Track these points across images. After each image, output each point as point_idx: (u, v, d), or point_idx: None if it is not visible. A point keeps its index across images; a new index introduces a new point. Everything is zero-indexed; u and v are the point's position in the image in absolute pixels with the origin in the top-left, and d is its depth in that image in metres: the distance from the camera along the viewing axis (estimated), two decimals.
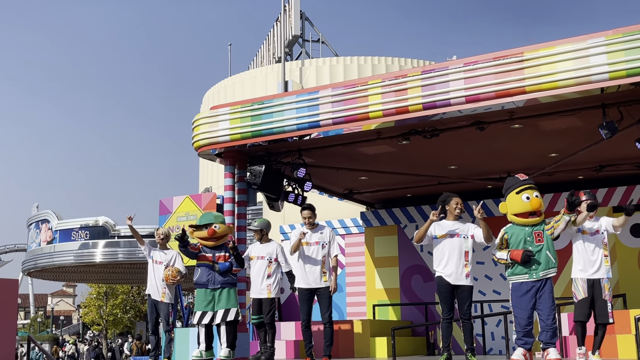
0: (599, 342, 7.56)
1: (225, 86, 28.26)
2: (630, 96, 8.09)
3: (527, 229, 7.23)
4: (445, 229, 7.67)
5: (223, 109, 10.06)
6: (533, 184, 7.37)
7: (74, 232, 22.26)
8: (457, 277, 7.52)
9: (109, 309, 40.55)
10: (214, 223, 8.73)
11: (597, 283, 7.54)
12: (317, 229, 8.39)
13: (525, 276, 7.11)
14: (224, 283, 8.67)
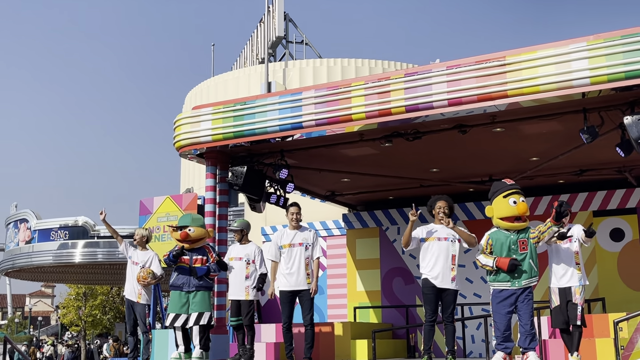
0: (575, 343, 7.66)
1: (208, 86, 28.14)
2: (611, 101, 8.15)
3: (512, 237, 7.26)
4: (433, 232, 7.70)
5: (205, 109, 10.01)
6: (520, 189, 7.43)
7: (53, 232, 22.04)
8: (444, 280, 7.54)
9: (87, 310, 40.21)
10: (189, 226, 8.74)
11: (568, 289, 7.67)
12: (301, 230, 8.36)
13: (507, 284, 7.16)
14: (199, 286, 8.67)
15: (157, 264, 9.49)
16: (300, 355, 8.17)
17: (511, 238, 7.24)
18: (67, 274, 25.51)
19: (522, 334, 7.17)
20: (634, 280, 11.74)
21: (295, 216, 8.32)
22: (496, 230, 7.37)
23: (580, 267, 7.73)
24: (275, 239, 8.41)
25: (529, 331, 7.13)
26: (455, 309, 7.65)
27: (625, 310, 9.03)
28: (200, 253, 8.83)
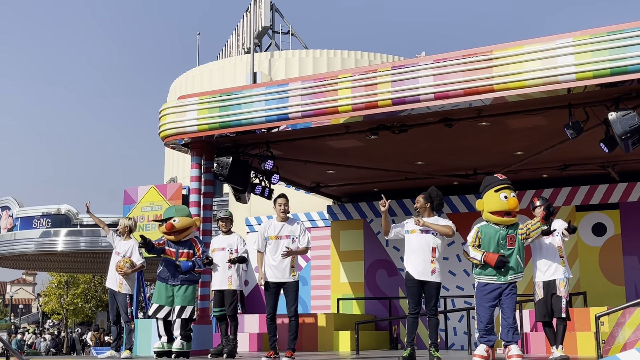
0: (560, 336, 7.74)
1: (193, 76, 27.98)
2: (596, 97, 8.20)
3: (501, 231, 7.29)
4: (415, 225, 7.69)
5: (191, 98, 9.96)
6: (511, 183, 7.45)
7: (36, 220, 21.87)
8: (423, 272, 7.54)
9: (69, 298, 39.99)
10: (173, 217, 8.69)
11: (552, 282, 7.72)
12: (289, 222, 8.32)
13: (493, 278, 7.19)
14: (184, 280, 8.66)
15: (137, 254, 9.44)
16: (283, 346, 8.17)
17: (500, 233, 7.28)
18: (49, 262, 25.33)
19: (504, 327, 7.21)
20: (615, 274, 11.86)
21: (283, 207, 8.27)
22: (486, 224, 7.40)
23: (564, 260, 7.81)
24: (262, 229, 8.37)
25: (511, 324, 7.18)
26: (438, 302, 7.67)
27: (606, 304, 9.13)
28: (187, 246, 8.77)
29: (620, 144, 7.94)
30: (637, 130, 7.74)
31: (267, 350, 8.27)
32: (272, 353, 8.02)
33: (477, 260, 7.19)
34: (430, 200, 7.73)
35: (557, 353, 7.65)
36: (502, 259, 7.07)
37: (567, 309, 7.69)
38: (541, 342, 9.60)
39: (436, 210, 7.80)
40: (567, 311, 7.70)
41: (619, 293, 11.53)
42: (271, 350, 8.07)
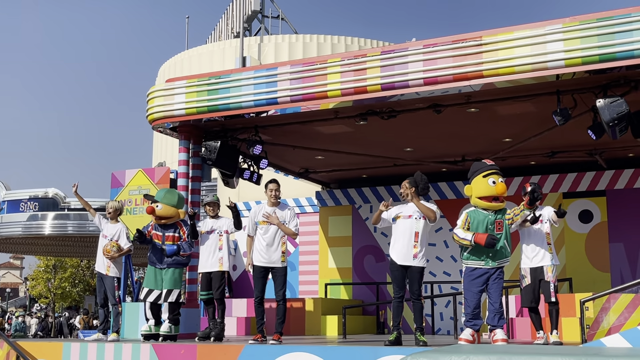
0: (554, 322, 7.81)
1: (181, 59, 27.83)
2: (584, 84, 8.23)
3: (490, 216, 7.33)
4: (400, 211, 7.74)
5: (179, 82, 9.91)
6: (499, 169, 7.48)
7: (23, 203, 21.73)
8: (405, 257, 7.57)
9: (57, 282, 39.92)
10: (158, 202, 8.73)
11: (539, 269, 7.79)
12: (280, 207, 8.32)
13: (481, 262, 7.24)
14: (170, 263, 8.72)
15: (125, 237, 9.41)
16: (271, 329, 8.20)
17: (489, 218, 7.33)
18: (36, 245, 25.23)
19: (491, 312, 7.28)
20: (600, 261, 11.95)
21: (274, 193, 8.27)
22: (474, 210, 7.44)
23: (551, 247, 7.87)
24: (252, 214, 8.37)
25: (498, 309, 7.24)
26: (422, 286, 7.68)
27: (592, 290, 9.20)
28: (172, 229, 8.83)
29: (608, 131, 7.98)
30: (624, 117, 7.78)
31: (254, 334, 8.29)
32: (260, 336, 8.04)
33: (468, 241, 7.20)
34: (415, 185, 7.73)
35: (552, 338, 7.72)
36: (492, 237, 7.10)
37: (555, 293, 7.76)
38: (526, 328, 9.68)
39: (421, 195, 7.80)
40: (556, 295, 7.77)
41: (605, 279, 11.63)
42: (258, 333, 8.09)
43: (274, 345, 7.56)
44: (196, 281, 9.93)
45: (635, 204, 11.92)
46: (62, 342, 8.59)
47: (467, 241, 7.22)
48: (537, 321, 7.94)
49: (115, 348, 8.10)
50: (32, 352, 8.53)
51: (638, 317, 7.27)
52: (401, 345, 7.40)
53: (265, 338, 8.08)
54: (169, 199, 8.89)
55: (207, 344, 8.05)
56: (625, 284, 7.47)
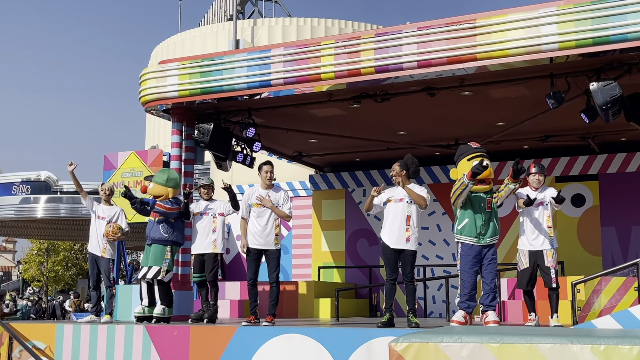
0: (553, 305, 7.81)
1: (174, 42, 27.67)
2: (578, 67, 8.23)
3: (481, 195, 7.40)
4: (391, 194, 7.74)
5: (172, 64, 9.86)
6: (484, 152, 7.51)
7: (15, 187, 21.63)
8: (398, 241, 7.59)
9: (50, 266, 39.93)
10: (151, 181, 8.78)
11: (539, 253, 7.77)
12: (274, 189, 8.32)
13: (474, 239, 7.31)
14: (154, 240, 8.76)
15: (124, 219, 9.41)
16: (264, 312, 8.22)
17: (482, 197, 7.41)
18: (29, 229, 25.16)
19: (485, 292, 7.35)
20: (592, 245, 12.01)
21: (268, 175, 8.25)
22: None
23: (552, 230, 7.84)
24: (246, 197, 8.37)
25: (492, 289, 7.33)
26: (414, 269, 7.71)
27: (584, 273, 9.25)
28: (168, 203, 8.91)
29: (601, 114, 7.99)
30: (617, 100, 7.80)
31: (247, 316, 8.31)
32: (253, 318, 8.07)
33: (464, 182, 7.19)
34: (406, 168, 7.73)
35: (552, 322, 7.74)
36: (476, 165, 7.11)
37: (556, 279, 7.75)
38: (518, 310, 9.74)
39: (413, 178, 7.80)
40: (557, 280, 7.76)
41: (596, 263, 11.69)
42: (251, 315, 8.12)
43: (267, 327, 7.59)
44: (189, 263, 9.94)
45: (627, 188, 11.97)
46: (55, 324, 8.60)
47: (461, 181, 7.22)
48: (530, 304, 7.97)
49: (108, 330, 8.12)
50: (25, 333, 8.54)
51: (629, 299, 7.34)
52: (394, 327, 7.44)
53: (259, 320, 8.11)
54: (158, 178, 8.92)
55: (200, 326, 8.07)
56: (617, 267, 7.52)
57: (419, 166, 7.82)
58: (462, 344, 4.83)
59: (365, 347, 6.77)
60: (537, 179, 8.01)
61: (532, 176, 8.01)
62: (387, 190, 7.82)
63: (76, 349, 8.23)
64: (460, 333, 5.01)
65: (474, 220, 7.37)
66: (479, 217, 7.39)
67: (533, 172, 8.02)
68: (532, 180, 8.01)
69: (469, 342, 4.82)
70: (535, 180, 8.01)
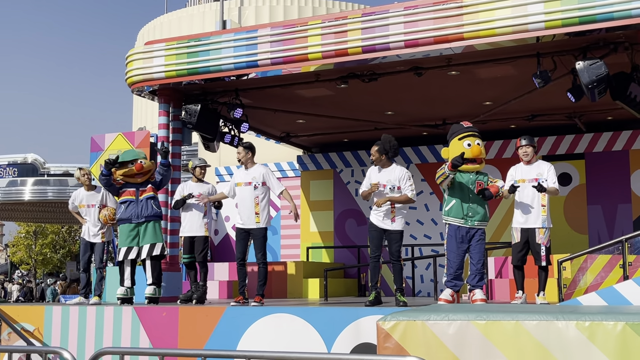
0: (541, 284, 7.78)
1: (161, 23, 27.45)
2: (564, 46, 8.25)
3: (471, 176, 7.42)
4: (378, 177, 7.75)
5: (158, 44, 9.80)
6: (476, 131, 7.52)
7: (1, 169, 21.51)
8: (384, 221, 7.64)
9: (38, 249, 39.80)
10: (138, 159, 8.69)
11: (531, 230, 7.75)
12: (252, 169, 8.33)
13: (461, 221, 7.34)
14: (149, 216, 8.65)
15: (112, 199, 9.35)
16: (253, 293, 8.26)
17: (470, 177, 7.43)
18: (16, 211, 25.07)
19: (472, 272, 7.41)
20: (578, 223, 12.11)
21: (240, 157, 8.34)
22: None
23: (545, 209, 7.75)
24: (233, 177, 8.49)
25: (479, 270, 7.38)
26: (400, 248, 7.73)
27: (570, 251, 9.31)
28: (147, 184, 8.83)
29: (587, 93, 8.02)
30: (603, 79, 7.83)
31: (236, 296, 8.35)
32: (241, 298, 8.10)
33: (445, 172, 7.26)
34: (385, 152, 7.71)
35: (539, 300, 7.74)
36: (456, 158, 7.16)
37: (547, 257, 7.69)
38: (505, 288, 9.83)
39: (392, 158, 7.79)
40: (548, 258, 7.70)
41: (583, 241, 11.79)
42: (240, 295, 8.15)
43: (256, 307, 7.62)
44: (177, 245, 9.94)
45: (613, 166, 12.05)
46: (44, 306, 8.59)
47: (442, 171, 7.29)
48: (519, 280, 7.89)
49: (97, 311, 8.13)
50: (14, 316, 8.53)
51: (614, 276, 7.41)
52: (381, 304, 7.50)
53: (247, 300, 8.14)
54: (142, 154, 8.92)
55: (189, 307, 8.09)
56: (602, 244, 7.59)
57: (397, 147, 7.75)
58: (449, 321, 4.88)
59: (353, 325, 6.83)
60: (524, 152, 7.86)
61: (520, 149, 7.89)
62: (372, 172, 7.83)
63: (65, 331, 8.24)
64: (447, 311, 5.06)
65: (460, 202, 7.40)
66: (466, 198, 7.42)
67: (521, 145, 7.89)
68: (521, 154, 7.88)
69: (456, 319, 4.87)
70: (523, 152, 7.86)
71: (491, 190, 7.41)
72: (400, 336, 4.97)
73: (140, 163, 8.66)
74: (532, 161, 7.90)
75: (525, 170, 7.87)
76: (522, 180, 7.82)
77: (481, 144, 7.48)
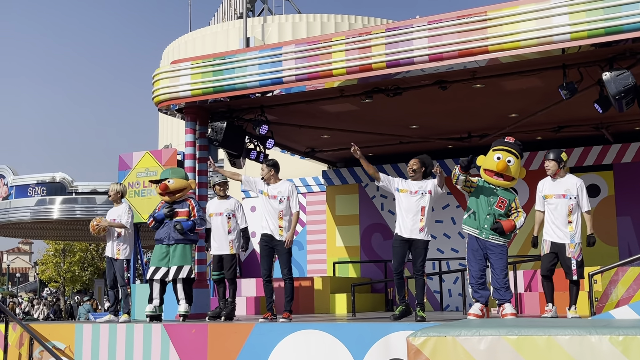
0: (573, 298, 7.68)
1: (185, 42, 27.73)
2: (590, 57, 8.19)
3: (496, 190, 7.44)
4: (406, 185, 7.80)
5: (184, 63, 9.91)
6: (512, 148, 7.48)
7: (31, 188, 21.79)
8: (412, 231, 7.66)
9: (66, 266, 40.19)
10: (168, 178, 8.80)
11: (561, 245, 7.66)
12: (278, 184, 8.35)
13: (476, 230, 7.35)
14: (179, 240, 8.73)
15: (127, 216, 9.39)
16: (280, 308, 8.26)
17: (494, 191, 7.41)
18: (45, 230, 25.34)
19: (495, 287, 7.37)
20: (608, 235, 11.95)
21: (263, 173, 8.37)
22: (484, 181, 7.54)
23: (572, 225, 7.62)
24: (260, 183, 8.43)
25: (502, 284, 7.34)
26: (425, 262, 7.72)
27: (600, 264, 9.21)
28: (183, 206, 8.88)
29: (614, 104, 7.96)
30: (630, 90, 7.76)
31: (264, 313, 8.35)
32: (269, 315, 8.10)
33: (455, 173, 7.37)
34: (424, 166, 7.84)
35: (570, 314, 7.65)
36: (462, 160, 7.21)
37: (578, 270, 7.59)
38: (535, 302, 9.72)
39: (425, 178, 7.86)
40: (580, 272, 7.59)
41: (613, 253, 11.64)
42: (268, 312, 8.15)
43: (284, 324, 7.62)
44: (205, 261, 9.99)
45: None
46: (74, 324, 8.67)
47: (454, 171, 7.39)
48: (548, 292, 7.78)
49: (127, 329, 8.18)
50: (45, 334, 8.62)
51: None
52: (410, 314, 7.49)
53: (275, 316, 8.14)
54: (177, 173, 9.01)
55: (218, 323, 8.11)
56: (634, 257, 7.48)
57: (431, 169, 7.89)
58: (480, 337, 4.84)
59: (382, 341, 6.79)
60: (546, 166, 7.80)
61: (546, 162, 7.81)
62: (401, 180, 7.87)
63: (95, 349, 8.30)
64: (477, 326, 5.02)
65: (477, 212, 7.41)
66: (483, 210, 7.40)
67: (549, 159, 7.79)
68: (547, 166, 7.82)
69: (487, 335, 4.83)
70: (545, 167, 7.81)
71: (504, 227, 7.36)
72: (430, 352, 4.94)
73: (165, 183, 8.76)
74: (559, 175, 7.80)
75: (552, 185, 7.80)
76: (549, 196, 7.77)
77: (512, 162, 7.42)
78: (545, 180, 7.91)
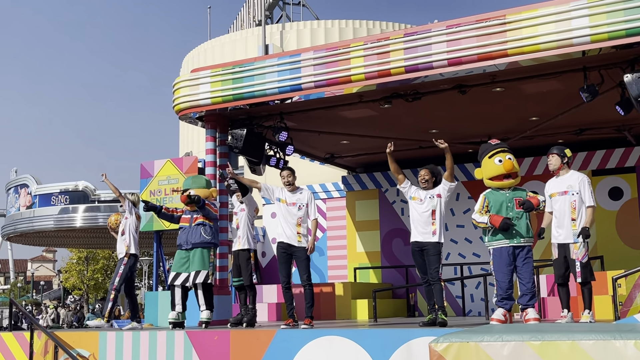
0: (585, 301, 7.48)
1: (204, 49, 27.92)
2: (611, 59, 8.13)
3: (507, 194, 7.34)
4: (417, 194, 7.87)
5: (204, 71, 9.97)
6: (505, 147, 7.48)
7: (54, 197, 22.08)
8: (424, 234, 7.69)
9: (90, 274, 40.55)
10: (189, 189, 8.88)
11: (567, 245, 7.50)
12: (296, 191, 8.40)
13: (505, 241, 7.26)
14: (196, 244, 8.79)
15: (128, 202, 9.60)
16: (302, 315, 8.27)
17: (507, 196, 7.34)
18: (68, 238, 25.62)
19: (522, 292, 7.29)
20: (632, 238, 11.82)
21: (285, 179, 8.40)
22: (491, 191, 7.45)
23: (575, 223, 7.42)
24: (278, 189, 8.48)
25: (529, 289, 7.25)
26: (439, 268, 7.71)
27: (624, 267, 9.11)
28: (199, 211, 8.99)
29: (636, 106, 7.88)
30: None
31: (285, 319, 8.37)
32: (291, 321, 8.12)
33: (484, 223, 7.26)
34: (434, 176, 7.97)
35: (582, 319, 7.53)
36: (506, 221, 7.13)
37: (584, 273, 7.36)
38: (558, 307, 9.60)
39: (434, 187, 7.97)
40: (587, 274, 7.37)
41: (637, 256, 11.50)
42: (289, 318, 8.17)
43: (306, 330, 7.63)
44: (227, 268, 10.04)
45: None
46: (98, 332, 8.75)
47: (484, 224, 7.27)
48: (563, 298, 7.61)
49: (150, 336, 8.23)
50: (69, 342, 8.70)
51: None
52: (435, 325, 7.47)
53: (297, 322, 8.16)
54: (197, 183, 9.08)
55: (240, 330, 8.14)
56: None
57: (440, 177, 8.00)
58: (503, 342, 4.81)
59: (404, 347, 6.78)
60: (548, 161, 7.66)
61: (550, 157, 7.66)
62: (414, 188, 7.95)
63: (119, 356, 8.36)
64: (500, 332, 4.98)
65: None
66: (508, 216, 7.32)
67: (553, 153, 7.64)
68: (550, 162, 7.66)
69: (510, 340, 4.79)
70: (548, 162, 7.68)
71: (532, 202, 7.30)
72: (453, 358, 4.91)
73: (185, 195, 8.84)
74: (561, 172, 7.61)
75: (556, 183, 7.62)
76: (554, 194, 7.60)
77: (512, 159, 7.39)
78: (551, 180, 7.79)
